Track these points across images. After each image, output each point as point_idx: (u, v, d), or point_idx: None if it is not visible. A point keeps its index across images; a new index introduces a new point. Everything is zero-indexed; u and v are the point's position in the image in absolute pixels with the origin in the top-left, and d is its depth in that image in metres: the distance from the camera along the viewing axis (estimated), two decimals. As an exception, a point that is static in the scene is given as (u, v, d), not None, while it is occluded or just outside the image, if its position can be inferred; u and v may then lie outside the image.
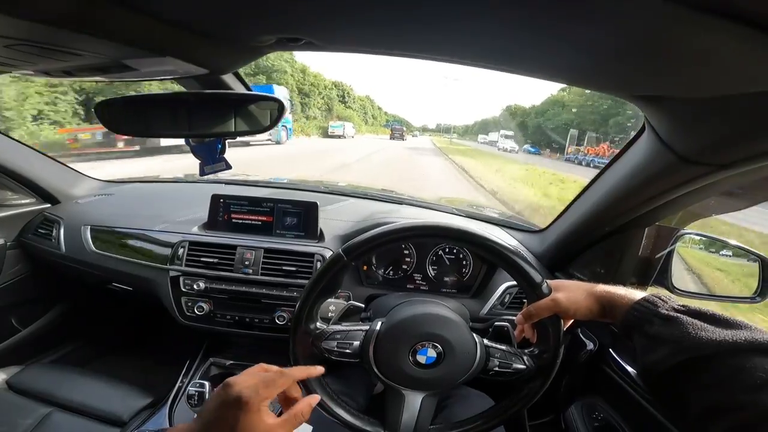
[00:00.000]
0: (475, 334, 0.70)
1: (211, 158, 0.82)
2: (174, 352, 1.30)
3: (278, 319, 1.07)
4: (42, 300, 1.44)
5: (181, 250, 1.10)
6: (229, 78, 0.72)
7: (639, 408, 0.79)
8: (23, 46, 0.44)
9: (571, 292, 0.63)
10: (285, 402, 0.58)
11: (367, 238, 0.65)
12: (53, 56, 0.48)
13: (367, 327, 0.70)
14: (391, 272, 1.15)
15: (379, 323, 0.70)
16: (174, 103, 0.70)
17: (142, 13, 0.41)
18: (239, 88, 0.76)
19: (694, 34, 0.33)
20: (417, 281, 1.15)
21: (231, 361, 1.27)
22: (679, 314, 0.52)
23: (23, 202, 1.30)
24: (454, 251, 1.14)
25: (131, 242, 1.18)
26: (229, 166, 0.83)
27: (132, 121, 0.70)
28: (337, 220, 1.21)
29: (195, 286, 1.08)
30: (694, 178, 0.63)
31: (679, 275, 1.00)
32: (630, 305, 0.57)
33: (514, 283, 1.07)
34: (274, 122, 0.72)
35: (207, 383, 1.05)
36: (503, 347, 0.70)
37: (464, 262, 1.14)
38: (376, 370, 0.68)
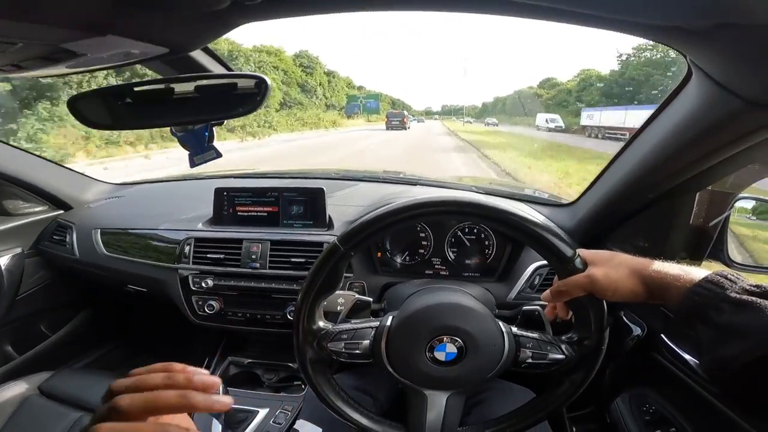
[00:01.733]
0: (501, 323, 0.61)
1: (200, 147, 0.76)
2: (195, 351, 1.30)
3: (290, 315, 1.02)
4: (69, 305, 1.46)
5: (187, 248, 1.07)
6: (202, 57, 0.66)
7: (700, 400, 0.68)
8: None
9: (611, 269, 0.53)
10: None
11: (364, 222, 0.57)
12: None
13: (377, 323, 0.62)
14: (407, 258, 1.06)
15: (390, 318, 0.62)
16: (151, 92, 0.64)
17: None
18: (217, 69, 0.69)
19: None
20: (436, 266, 1.06)
21: (249, 360, 1.25)
22: (754, 297, 0.42)
23: (36, 210, 1.31)
24: (475, 231, 1.04)
25: (139, 242, 1.16)
26: (219, 154, 0.76)
27: (109, 115, 0.65)
28: (346, 205, 1.14)
29: (204, 284, 1.05)
30: (765, 126, 0.51)
31: (736, 246, 0.87)
32: (689, 288, 0.47)
33: (544, 262, 0.97)
34: (260, 102, 0.64)
35: (221, 384, 1.02)
36: (535, 335, 0.61)
37: (486, 242, 1.04)
38: (391, 369, 0.60)
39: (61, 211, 1.34)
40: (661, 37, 0.47)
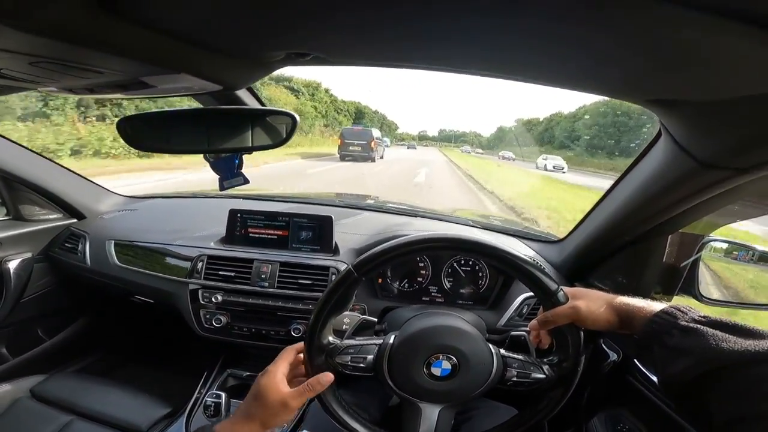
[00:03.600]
0: (491, 345, 0.69)
1: (230, 173, 0.84)
2: (192, 363, 1.32)
3: (294, 332, 1.08)
4: (67, 311, 1.48)
5: (200, 264, 1.12)
6: (243, 93, 0.75)
7: (667, 419, 0.76)
8: (46, 63, 0.46)
9: (590, 302, 0.63)
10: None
11: (376, 252, 0.65)
12: (75, 74, 0.51)
13: (380, 341, 0.70)
14: (406, 285, 1.14)
15: (393, 336, 0.70)
16: (193, 120, 0.72)
17: (158, 31, 0.43)
18: (253, 104, 0.78)
19: (705, 36, 0.33)
20: (432, 294, 1.14)
21: (248, 373, 1.28)
22: (699, 325, 0.52)
23: (51, 217, 1.36)
24: (470, 263, 1.13)
25: (153, 256, 1.21)
26: (246, 181, 0.85)
27: (153, 137, 0.73)
28: (352, 233, 1.22)
29: (213, 299, 1.10)
30: (715, 183, 0.62)
31: (707, 284, 0.97)
32: (649, 317, 0.57)
33: (531, 294, 1.06)
34: (289, 136, 0.73)
35: (223, 394, 1.07)
36: (521, 357, 0.69)
37: (480, 274, 1.13)
38: (390, 383, 0.67)
39: (75, 220, 1.39)
40: (639, 101, 0.58)
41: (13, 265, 1.26)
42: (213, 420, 1.00)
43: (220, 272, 1.11)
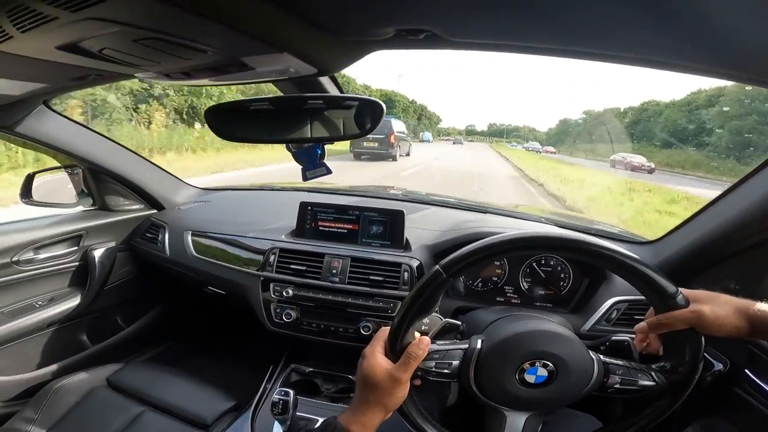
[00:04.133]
0: (591, 351, 0.63)
1: (312, 164, 0.83)
2: (257, 357, 1.34)
3: (363, 330, 1.05)
4: (145, 300, 1.56)
5: (272, 257, 1.13)
6: (325, 81, 0.72)
7: None
8: (151, 41, 0.45)
9: (717, 306, 0.57)
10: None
11: (467, 252, 0.60)
12: (178, 52, 0.49)
13: (465, 345, 0.65)
14: (480, 284, 1.08)
15: (479, 341, 0.65)
16: (278, 109, 0.70)
17: (267, 1, 0.40)
18: (334, 92, 0.75)
19: None
20: (508, 294, 1.08)
21: (310, 369, 1.28)
22: None
23: (133, 207, 1.43)
24: (551, 262, 1.05)
25: (227, 248, 1.24)
26: (329, 171, 0.83)
27: (239, 128, 0.71)
28: (422, 228, 1.18)
29: (284, 293, 1.10)
30: None
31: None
32: None
33: (624, 298, 0.98)
34: (375, 125, 0.70)
35: (291, 392, 1.06)
36: (624, 363, 0.63)
37: (563, 275, 1.05)
38: (476, 390, 0.63)
39: (155, 211, 1.46)
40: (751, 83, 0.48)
41: (98, 253, 1.33)
42: (279, 418, 0.99)
43: (291, 266, 1.11)
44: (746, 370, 0.82)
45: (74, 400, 1.03)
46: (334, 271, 1.08)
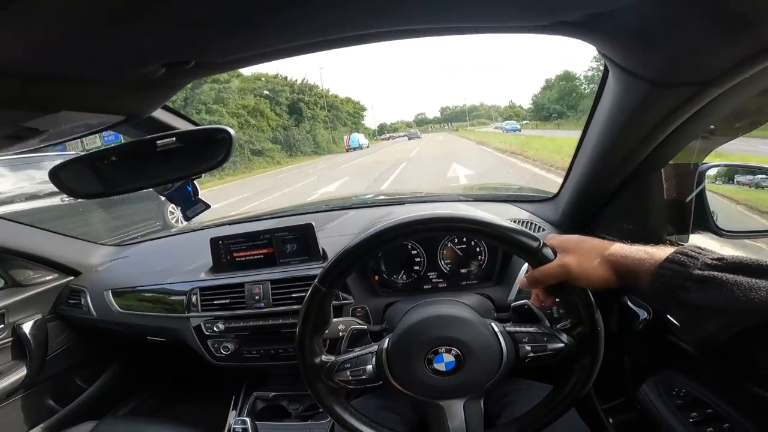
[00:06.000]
0: (494, 323, 0.63)
1: (189, 203, 0.81)
2: (223, 391, 1.34)
3: None
4: (98, 360, 1.52)
5: (194, 297, 1.12)
6: (167, 117, 0.70)
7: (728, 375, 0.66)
8: None
9: (582, 257, 0.54)
10: None
11: (335, 260, 0.61)
12: None
13: (375, 347, 0.65)
14: (404, 276, 1.09)
15: (387, 340, 0.65)
16: (126, 155, 0.66)
17: (15, 76, 0.38)
18: (183, 125, 0.73)
19: None
20: (433, 280, 1.09)
21: (273, 393, 1.28)
22: (716, 272, 0.43)
23: (47, 278, 1.38)
24: (464, 240, 1.07)
25: (150, 297, 1.22)
26: (207, 206, 0.81)
27: (92, 183, 0.67)
28: (339, 235, 1.19)
29: (215, 328, 1.10)
30: (682, 104, 0.53)
31: (723, 215, 0.88)
32: (654, 269, 0.47)
33: None
34: (227, 154, 0.68)
35: (248, 419, 1.06)
36: (531, 329, 0.62)
37: (478, 249, 1.07)
38: (400, 388, 0.63)
39: (72, 277, 1.41)
40: (557, 33, 0.48)
41: (27, 327, 1.29)
42: None
43: (215, 301, 1.10)
44: (668, 316, 0.76)
45: None
46: (257, 297, 1.08)
